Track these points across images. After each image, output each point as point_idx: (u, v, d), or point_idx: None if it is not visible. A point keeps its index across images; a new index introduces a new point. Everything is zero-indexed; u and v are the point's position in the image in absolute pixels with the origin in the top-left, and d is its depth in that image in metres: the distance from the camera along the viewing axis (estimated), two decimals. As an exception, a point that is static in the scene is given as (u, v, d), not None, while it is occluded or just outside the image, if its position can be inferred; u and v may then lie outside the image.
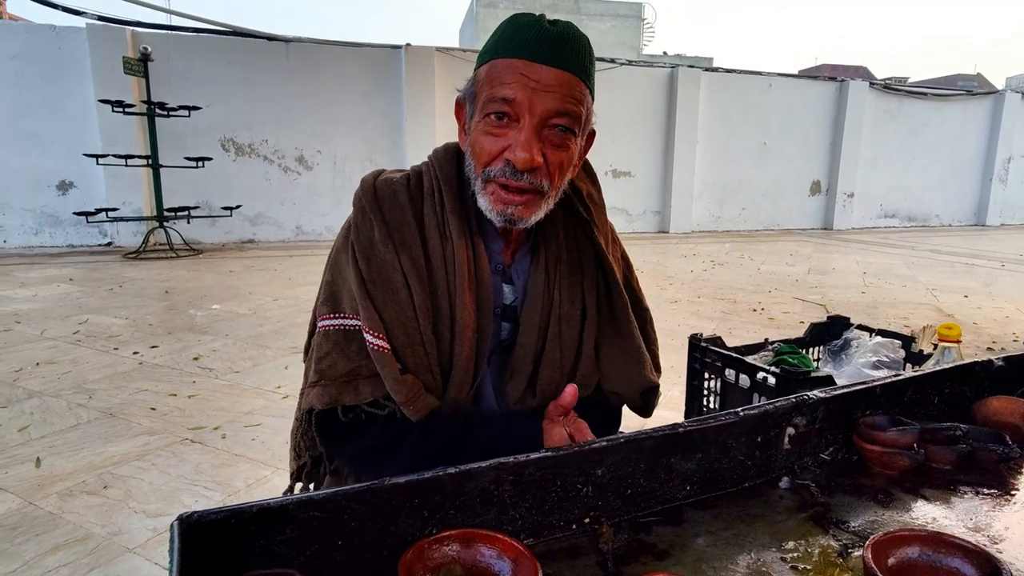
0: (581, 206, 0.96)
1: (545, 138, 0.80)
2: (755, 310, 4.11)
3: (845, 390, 0.97)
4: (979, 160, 11.30)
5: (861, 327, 2.15)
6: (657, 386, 1.00)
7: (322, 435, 0.91)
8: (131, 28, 6.90)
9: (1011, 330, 3.63)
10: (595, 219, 0.97)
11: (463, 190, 0.89)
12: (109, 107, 6.09)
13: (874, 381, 1.02)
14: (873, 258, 6.91)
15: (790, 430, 0.89)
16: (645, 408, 1.01)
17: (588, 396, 0.99)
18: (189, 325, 3.54)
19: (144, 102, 6.30)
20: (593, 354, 0.96)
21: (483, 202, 0.84)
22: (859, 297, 4.62)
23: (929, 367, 1.53)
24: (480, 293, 0.88)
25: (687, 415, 2.02)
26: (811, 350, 2.19)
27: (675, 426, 0.77)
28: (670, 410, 2.42)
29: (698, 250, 7.53)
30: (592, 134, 0.90)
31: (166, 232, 6.47)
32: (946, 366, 1.12)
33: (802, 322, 3.79)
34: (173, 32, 7.19)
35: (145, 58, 6.28)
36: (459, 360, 0.86)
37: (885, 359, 1.88)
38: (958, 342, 1.42)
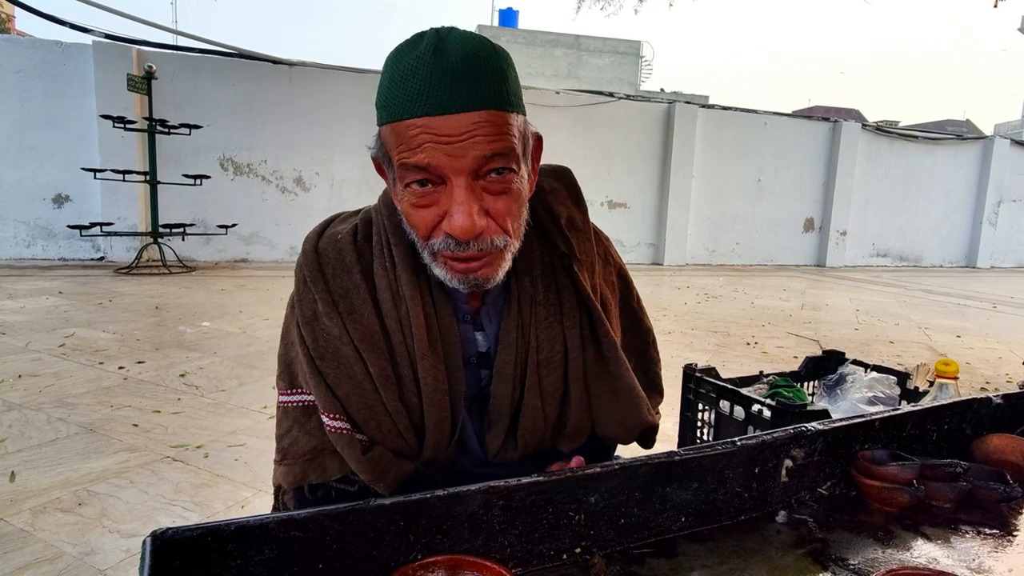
0: (559, 237, 0.85)
1: (483, 188, 0.69)
2: (749, 344, 4.10)
3: (844, 423, 0.95)
4: (969, 203, 11.47)
5: (856, 362, 2.14)
6: (656, 427, 0.93)
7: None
8: (137, 47, 6.97)
9: (1004, 371, 3.63)
10: (576, 251, 0.86)
11: (415, 241, 0.80)
12: (110, 123, 6.12)
13: (873, 414, 1.00)
14: (866, 296, 6.94)
15: (788, 462, 0.87)
16: (644, 443, 0.94)
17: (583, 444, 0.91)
18: (177, 342, 3.49)
19: (146, 119, 6.33)
20: (584, 399, 0.87)
21: (439, 273, 0.74)
22: (852, 334, 4.62)
23: (927, 403, 1.51)
24: (446, 350, 0.80)
25: (680, 447, 1.99)
26: (806, 384, 2.17)
27: (671, 454, 0.75)
28: (663, 442, 2.38)
29: (692, 282, 7.55)
30: (539, 142, 0.80)
31: (160, 248, 6.44)
32: (945, 402, 1.11)
33: (796, 357, 3.78)
34: (178, 52, 7.27)
35: (149, 76, 6.33)
36: (431, 423, 0.80)
37: (881, 395, 1.86)
38: (955, 378, 1.40)
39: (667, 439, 2.32)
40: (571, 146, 8.84)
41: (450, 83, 0.65)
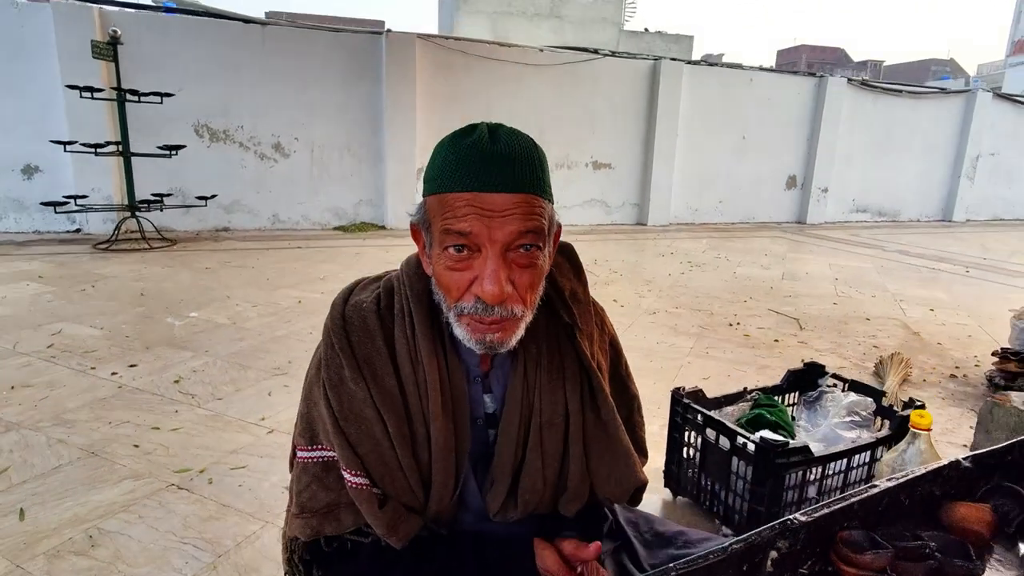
0: (563, 308, 0.94)
1: (512, 260, 0.78)
2: (731, 325, 4.20)
3: (826, 511, 1.02)
4: (949, 157, 11.56)
5: (835, 376, 2.24)
6: (645, 484, 1.01)
7: (314, 562, 0.92)
8: (99, 6, 6.60)
9: (973, 352, 3.77)
10: (578, 321, 0.94)
11: (433, 307, 0.89)
12: (77, 91, 5.86)
13: (852, 496, 1.07)
14: (845, 261, 7.07)
15: (773, 553, 0.94)
16: (633, 501, 1.03)
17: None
18: (167, 338, 3.49)
19: (114, 88, 6.07)
20: (583, 461, 0.95)
21: (460, 333, 0.83)
22: (831, 310, 4.75)
23: (900, 450, 1.61)
24: (456, 411, 0.88)
25: (667, 464, 2.09)
26: (787, 396, 2.26)
27: (666, 571, 0.80)
28: (651, 448, 2.48)
29: (675, 247, 7.61)
30: (558, 229, 0.88)
31: (138, 221, 6.31)
32: (919, 472, 1.18)
33: (777, 340, 3.90)
34: (143, 12, 6.90)
35: (114, 42, 6.04)
36: (437, 477, 0.88)
37: (858, 418, 1.96)
38: (928, 430, 1.50)
39: (654, 444, 2.42)
40: (555, 106, 8.68)
41: (499, 166, 0.76)
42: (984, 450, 1.25)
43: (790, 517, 1.00)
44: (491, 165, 0.76)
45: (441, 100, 7.99)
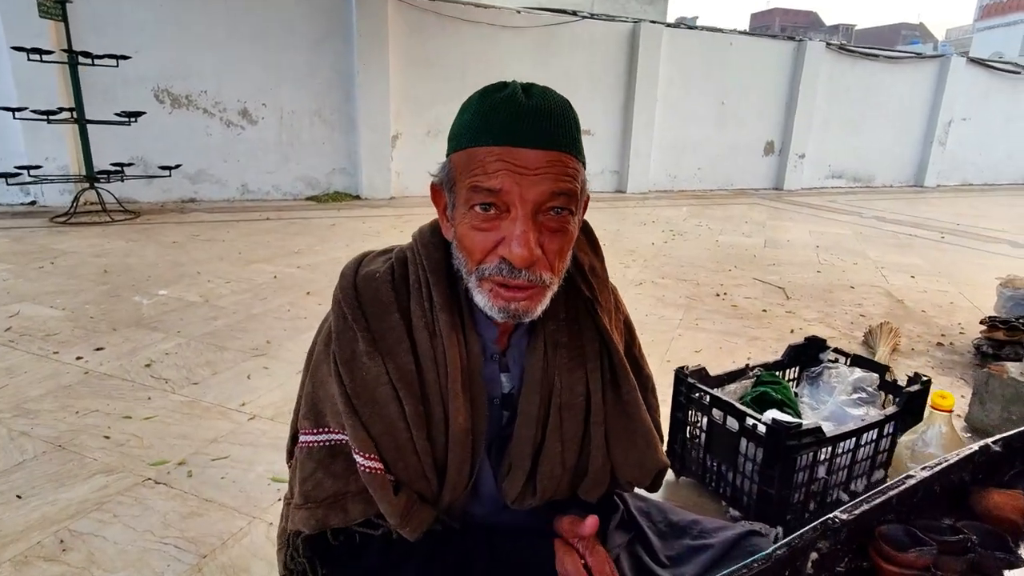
0: (584, 283, 0.89)
1: (541, 224, 0.73)
2: (718, 295, 4.15)
3: (865, 507, 0.97)
4: (922, 122, 11.64)
5: (836, 350, 2.19)
6: (667, 468, 0.98)
7: (317, 557, 0.86)
8: (43, -41, 6.12)
9: (957, 319, 3.80)
10: (598, 296, 0.90)
11: (452, 278, 0.82)
12: (24, 54, 5.46)
13: (889, 489, 1.02)
14: (824, 227, 7.09)
15: (814, 555, 0.88)
16: (653, 486, 0.99)
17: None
18: (135, 318, 3.30)
19: (65, 50, 5.67)
20: (604, 446, 0.90)
21: (481, 299, 0.77)
22: (815, 278, 4.74)
23: (920, 431, 1.56)
24: (474, 390, 0.82)
25: (670, 444, 2.03)
26: (788, 371, 2.22)
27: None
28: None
29: (656, 215, 7.55)
30: (587, 198, 0.82)
31: (98, 193, 5.99)
32: (952, 460, 1.13)
33: (764, 310, 3.87)
34: (93, -34, 6.43)
35: (63, -1, 5.62)
36: (453, 462, 0.82)
37: (865, 395, 1.92)
38: (950, 411, 1.45)
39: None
40: (533, 69, 8.44)
41: (533, 121, 0.71)
42: (1011, 432, 1.20)
43: (830, 516, 0.94)
44: (525, 119, 0.71)
45: (415, 63, 7.69)
